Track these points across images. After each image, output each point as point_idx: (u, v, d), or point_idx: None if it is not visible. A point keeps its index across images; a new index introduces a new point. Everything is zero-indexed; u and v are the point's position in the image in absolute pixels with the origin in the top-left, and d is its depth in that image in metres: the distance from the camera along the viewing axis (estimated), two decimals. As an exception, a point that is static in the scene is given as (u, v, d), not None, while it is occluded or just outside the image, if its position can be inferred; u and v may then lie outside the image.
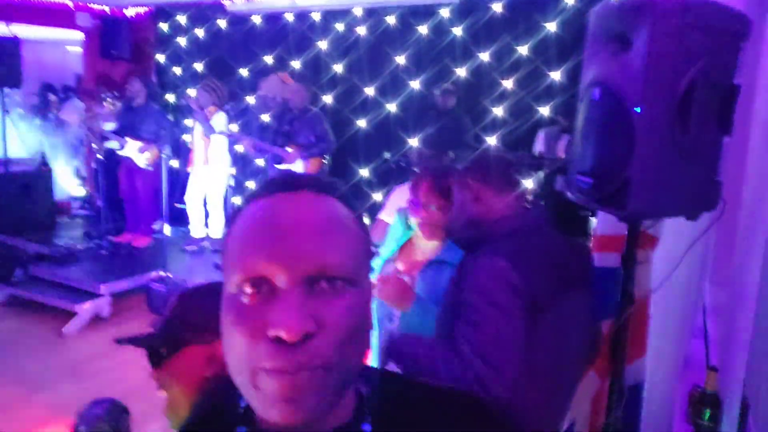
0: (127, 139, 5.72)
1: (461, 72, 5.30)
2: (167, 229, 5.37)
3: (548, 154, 4.67)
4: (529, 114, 5.05)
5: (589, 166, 1.54)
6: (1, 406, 3.44)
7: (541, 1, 4.97)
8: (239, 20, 6.47)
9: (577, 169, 1.58)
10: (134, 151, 5.74)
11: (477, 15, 5.19)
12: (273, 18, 6.28)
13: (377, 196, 5.50)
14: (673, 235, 1.85)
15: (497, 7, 5.13)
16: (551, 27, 4.92)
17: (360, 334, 0.57)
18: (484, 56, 5.22)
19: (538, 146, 4.85)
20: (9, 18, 6.74)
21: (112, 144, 5.88)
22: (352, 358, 0.57)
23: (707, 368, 1.85)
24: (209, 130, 5.41)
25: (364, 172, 5.70)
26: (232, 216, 0.63)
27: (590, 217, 3.79)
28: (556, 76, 4.93)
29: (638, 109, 1.37)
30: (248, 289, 0.55)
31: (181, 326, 1.13)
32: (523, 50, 5.05)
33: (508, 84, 5.15)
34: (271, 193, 0.60)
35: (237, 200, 6.33)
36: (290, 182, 0.61)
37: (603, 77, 1.49)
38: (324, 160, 4.95)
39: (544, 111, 5.01)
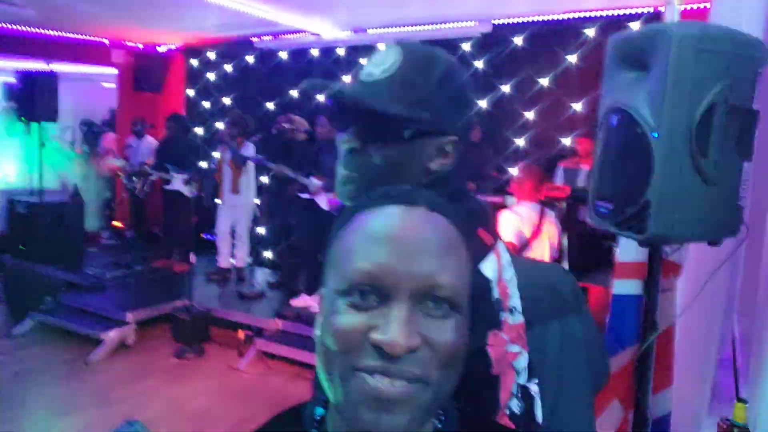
0: (173, 174, 5.95)
1: (483, 104, 5.36)
2: (193, 259, 5.46)
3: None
4: (552, 145, 5.06)
5: (608, 191, 1.54)
6: (30, 429, 3.49)
7: (562, 33, 5.03)
8: (266, 56, 6.67)
9: (596, 195, 1.58)
10: (180, 184, 5.94)
11: (498, 48, 5.27)
12: (299, 53, 6.46)
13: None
14: (698, 262, 1.83)
15: (518, 40, 5.20)
16: (572, 59, 4.97)
17: (458, 360, 0.57)
18: (506, 88, 5.27)
19: (558, 181, 4.84)
20: (48, 56, 7.06)
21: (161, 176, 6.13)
22: (448, 382, 0.57)
23: (736, 400, 1.80)
24: (241, 159, 5.54)
25: (387, 203, 5.74)
26: (337, 222, 0.63)
27: (614, 247, 3.75)
28: (577, 107, 4.95)
29: (656, 134, 1.38)
30: (357, 294, 0.55)
31: None
32: (544, 82, 5.10)
33: (529, 115, 5.19)
34: (384, 203, 0.60)
35: (261, 230, 6.41)
36: (407, 196, 0.60)
37: (621, 103, 1.50)
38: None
39: (567, 142, 5.01)
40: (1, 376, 4.32)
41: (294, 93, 6.44)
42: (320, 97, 6.23)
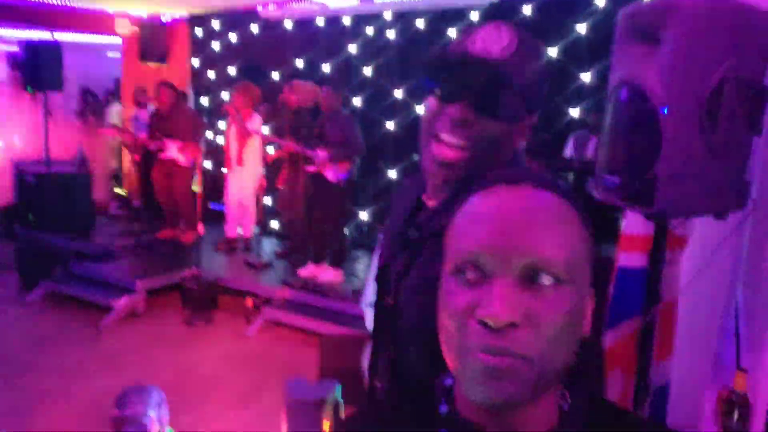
0: (167, 142, 5.92)
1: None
2: (201, 229, 5.50)
3: (578, 158, 4.64)
4: (560, 116, 5.03)
5: (616, 164, 1.55)
6: (43, 395, 3.59)
7: (571, 3, 4.95)
8: (272, 25, 6.60)
9: (604, 168, 1.60)
10: (175, 152, 5.92)
11: (507, 18, 5.19)
12: (304, 23, 6.39)
13: (406, 198, 5.53)
14: (703, 236, 1.85)
15: (527, 10, 5.13)
16: (581, 29, 4.90)
17: (567, 335, 0.57)
18: (514, 59, 5.21)
19: (568, 151, 4.83)
20: (52, 25, 7.01)
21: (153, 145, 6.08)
22: (557, 358, 0.57)
23: (737, 369, 1.84)
24: (246, 131, 5.54)
25: (393, 174, 5.75)
26: (454, 207, 0.65)
27: (621, 219, 3.76)
28: (586, 77, 4.90)
29: (665, 109, 1.39)
30: (461, 274, 0.58)
31: None
32: (553, 52, 5.04)
33: (537, 86, 5.14)
34: (491, 185, 0.62)
35: (268, 201, 6.45)
36: (512, 176, 0.62)
37: (631, 77, 1.50)
38: (353, 163, 5.02)
39: (575, 113, 4.98)
40: (15, 342, 4.42)
41: (299, 63, 6.39)
42: (325, 68, 6.19)
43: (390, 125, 5.78)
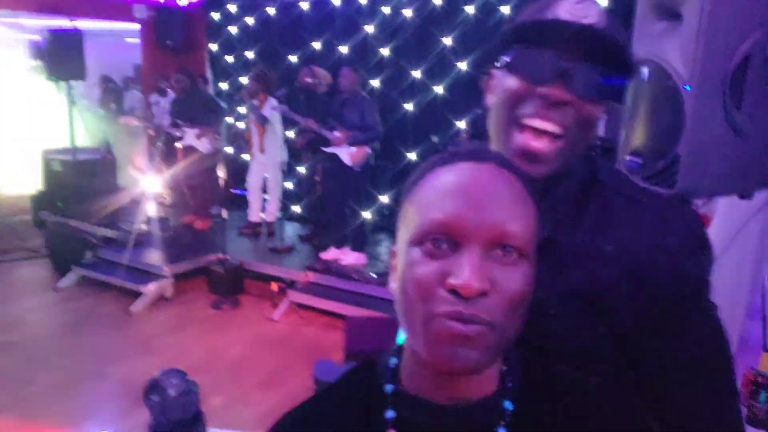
0: (185, 129, 5.98)
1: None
2: (225, 214, 5.57)
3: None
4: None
5: (638, 144, 1.54)
6: (76, 378, 3.71)
7: (593, -25, 4.82)
8: (288, 7, 6.57)
9: (625, 149, 1.58)
10: (193, 139, 5.98)
11: (526, -8, 5.09)
12: (320, 3, 6.34)
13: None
14: (727, 215, 1.82)
15: (547, -16, 5.02)
16: (602, 2, 4.79)
17: (523, 304, 0.61)
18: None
19: None
20: (71, 13, 7.06)
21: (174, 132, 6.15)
22: (513, 326, 0.61)
23: (763, 350, 1.83)
24: (262, 119, 5.57)
25: (412, 156, 5.73)
26: (410, 182, 0.67)
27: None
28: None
29: (688, 87, 1.36)
30: (431, 243, 0.60)
31: None
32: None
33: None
34: (456, 161, 0.64)
35: (288, 185, 6.49)
36: (477, 154, 0.65)
37: (652, 54, 1.48)
38: (369, 150, 5.01)
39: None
40: (50, 327, 4.56)
41: (317, 45, 6.37)
42: (342, 49, 6.16)
43: (408, 106, 5.74)
